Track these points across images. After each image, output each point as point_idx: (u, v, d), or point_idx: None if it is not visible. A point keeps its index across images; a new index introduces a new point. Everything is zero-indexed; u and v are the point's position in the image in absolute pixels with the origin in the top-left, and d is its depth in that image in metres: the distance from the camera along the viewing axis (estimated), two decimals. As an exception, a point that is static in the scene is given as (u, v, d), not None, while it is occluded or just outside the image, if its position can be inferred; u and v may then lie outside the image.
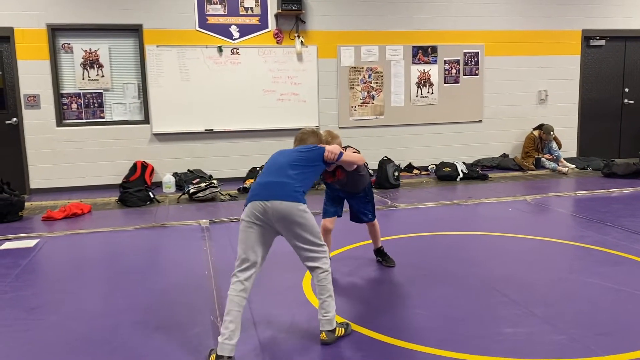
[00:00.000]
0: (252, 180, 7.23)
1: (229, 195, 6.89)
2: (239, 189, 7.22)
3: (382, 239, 4.29)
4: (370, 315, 3.24)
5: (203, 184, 6.81)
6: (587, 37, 9.15)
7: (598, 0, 9.08)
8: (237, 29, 7.83)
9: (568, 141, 9.15)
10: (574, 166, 8.53)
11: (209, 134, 7.92)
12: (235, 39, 7.84)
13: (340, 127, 8.34)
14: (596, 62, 9.34)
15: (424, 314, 3.24)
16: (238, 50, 7.85)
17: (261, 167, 7.34)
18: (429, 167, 8.54)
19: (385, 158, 7.66)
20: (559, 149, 8.69)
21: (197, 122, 7.84)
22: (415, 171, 8.48)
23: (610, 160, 8.33)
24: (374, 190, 7.13)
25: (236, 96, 7.90)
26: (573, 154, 9.25)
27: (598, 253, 4.35)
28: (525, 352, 2.71)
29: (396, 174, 7.47)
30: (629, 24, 9.23)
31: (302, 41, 7.98)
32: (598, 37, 9.18)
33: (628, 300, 3.37)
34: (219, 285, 3.76)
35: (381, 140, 8.48)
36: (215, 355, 2.62)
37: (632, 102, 9.54)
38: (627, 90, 9.53)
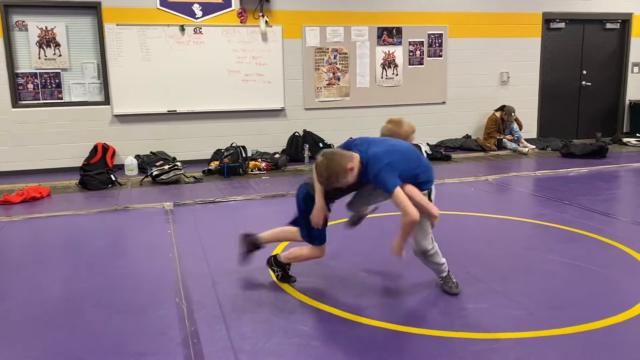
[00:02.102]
0: (217, 163, 7.15)
1: (194, 177, 6.80)
2: (203, 171, 7.13)
3: (344, 220, 4.31)
4: (336, 292, 3.27)
5: (166, 166, 6.70)
6: (548, 19, 9.32)
7: (558, -16, 9.25)
8: (200, 8, 7.67)
9: (528, 122, 9.35)
10: (534, 147, 8.74)
11: (172, 115, 7.77)
12: (197, 18, 7.68)
13: (306, 109, 8.32)
14: (556, 45, 9.53)
15: (388, 291, 3.29)
16: (201, 30, 7.69)
17: (226, 149, 7.25)
18: (394, 148, 8.61)
19: (350, 139, 7.66)
20: (520, 130, 8.89)
21: (159, 103, 7.68)
22: (381, 152, 8.52)
23: (569, 141, 8.58)
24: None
25: (200, 77, 7.76)
26: (533, 134, 9.47)
27: (556, 230, 4.49)
28: (486, 327, 2.79)
29: (362, 155, 7.50)
30: (588, 7, 9.44)
31: (266, 21, 7.87)
32: (558, 20, 9.37)
33: (583, 275, 3.51)
34: (183, 267, 3.72)
35: (347, 122, 8.49)
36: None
37: (589, 84, 9.80)
38: (584, 72, 9.78)
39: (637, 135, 9.37)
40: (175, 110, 7.75)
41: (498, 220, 4.86)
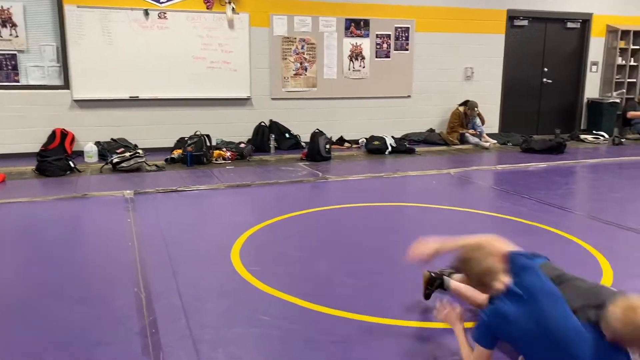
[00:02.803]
0: (180, 151, 7.04)
1: (156, 165, 6.67)
2: (166, 160, 7.01)
3: (313, 210, 4.33)
4: (299, 283, 3.28)
5: (127, 154, 6.55)
6: (512, 16, 9.50)
7: (522, -18, 9.43)
8: (165, -8, 7.50)
9: (491, 117, 9.53)
10: (495, 141, 8.93)
11: (134, 102, 7.60)
12: (162, 2, 7.51)
13: (272, 99, 8.26)
14: (519, 42, 9.73)
15: (352, 282, 3.32)
16: (165, 15, 7.52)
17: (190, 138, 7.14)
18: (360, 141, 8.65)
19: (317, 130, 7.68)
20: (482, 124, 9.06)
21: (121, 89, 7.49)
22: (347, 144, 8.56)
23: (529, 136, 8.79)
24: (305, 163, 7.19)
25: (164, 62, 7.60)
26: (495, 129, 9.67)
27: (514, 223, 4.60)
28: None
29: (327, 146, 7.52)
30: (550, 6, 9.66)
31: (233, 8, 7.76)
32: (521, 17, 9.56)
33: (538, 266, 3.60)
34: (143, 257, 3.66)
35: (313, 113, 8.48)
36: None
37: (550, 81, 10.06)
38: (546, 69, 10.03)
39: (594, 132, 9.67)
40: (138, 97, 7.58)
41: (459, 213, 4.96)
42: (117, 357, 2.45)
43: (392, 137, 8.41)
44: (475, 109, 8.92)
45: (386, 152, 8.00)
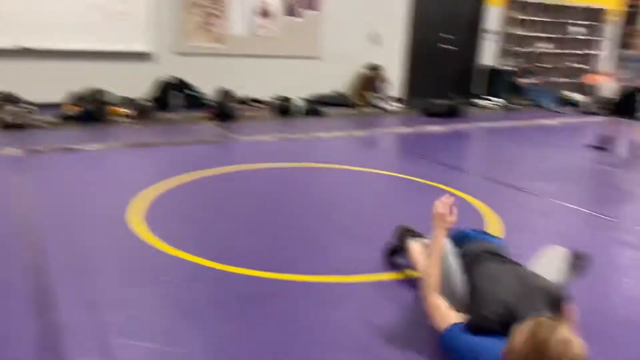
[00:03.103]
0: (75, 107, 6.55)
1: (47, 122, 6.19)
2: (59, 116, 6.50)
3: (220, 170, 4.25)
4: (202, 242, 3.23)
5: (15, 109, 6.01)
6: (417, -18, 9.69)
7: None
8: None
9: (395, 81, 9.78)
10: (399, 105, 9.21)
11: (21, 52, 6.93)
12: (51, -57, 6.83)
13: (176, 53, 7.89)
14: (423, 6, 9.95)
15: (254, 239, 3.32)
16: (55, -43, 6.87)
17: (86, 93, 6.66)
18: (269, 100, 8.56)
19: (224, 89, 7.47)
20: (387, 88, 9.29)
21: (5, 37, 6.79)
22: (255, 104, 8.44)
23: (430, 100, 9.15)
24: (213, 122, 7.01)
25: (52, 9, 6.96)
26: (399, 93, 9.95)
27: (414, 183, 4.82)
28: (348, 271, 2.94)
29: (236, 105, 7.36)
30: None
31: (132, -45, 7.23)
32: (427, -16, 9.78)
33: (430, 221, 3.82)
34: (34, 220, 3.42)
35: (221, 71, 8.21)
36: None
37: (451, 47, 10.43)
38: (447, 35, 10.37)
39: (490, 98, 10.26)
40: (26, 46, 6.92)
41: (365, 174, 5.09)
42: (7, 325, 2.29)
43: (301, 98, 8.40)
44: (381, 72, 9.10)
45: (295, 113, 7.99)
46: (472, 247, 2.36)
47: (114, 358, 2.08)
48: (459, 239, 2.47)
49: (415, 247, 2.69)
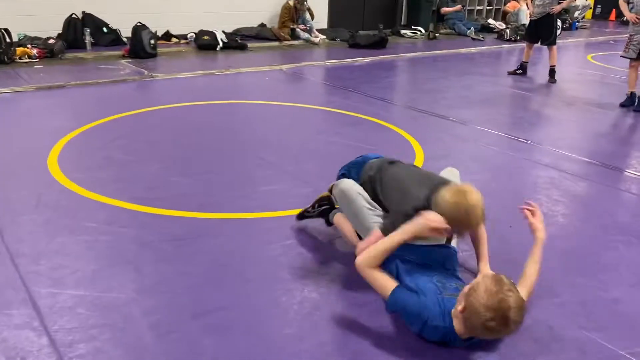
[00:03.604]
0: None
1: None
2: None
3: (140, 110, 4.07)
4: (126, 186, 3.13)
5: None
6: None
7: None
8: None
9: (320, 13, 9.58)
10: (324, 37, 9.07)
11: None
12: None
13: (82, -14, 7.29)
14: None
15: (186, 181, 3.26)
16: None
17: None
18: (188, 36, 8.17)
19: (139, 24, 7.01)
20: (312, 20, 9.09)
21: None
22: (174, 39, 8.04)
23: (355, 32, 9.07)
24: (128, 60, 6.63)
25: None
26: (324, 25, 9.78)
27: (341, 116, 4.84)
28: (277, 206, 2.96)
29: (152, 42, 6.97)
30: None
31: None
32: None
33: (358, 153, 3.89)
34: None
35: (133, 4, 7.68)
36: None
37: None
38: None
39: (413, 27, 10.30)
40: None
41: (290, 108, 5.04)
42: None
43: (223, 31, 8.07)
44: (305, 3, 8.87)
45: (217, 48, 7.71)
46: (373, 164, 2.46)
47: (38, 309, 2.02)
48: (360, 165, 2.52)
49: (343, 223, 2.48)
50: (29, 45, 6.42)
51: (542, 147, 4.22)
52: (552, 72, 6.60)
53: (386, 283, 2.00)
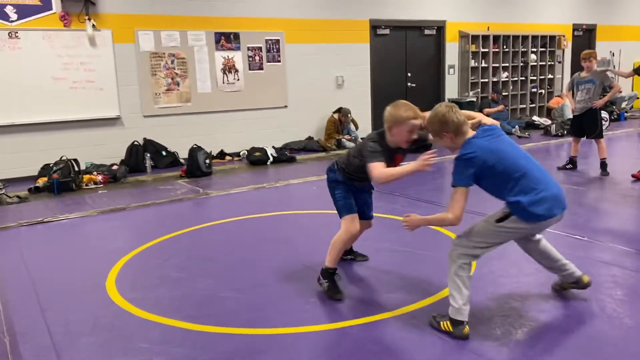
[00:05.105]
0: (45, 179, 6.52)
1: (18, 197, 6.13)
2: (29, 190, 6.46)
3: (195, 227, 4.23)
4: (177, 304, 3.19)
5: (-17, 187, 5.96)
6: (374, 26, 10.04)
7: (381, -7, 10.01)
8: (14, 10, 6.94)
9: (363, 122, 9.98)
10: (370, 145, 9.35)
11: (-9, 129, 6.94)
12: (12, 21, 6.95)
13: (144, 116, 7.98)
14: (383, 50, 10.31)
15: (235, 296, 3.29)
16: (17, 34, 6.97)
17: (56, 164, 6.66)
18: (241, 153, 8.64)
19: (195, 146, 7.53)
20: (357, 129, 9.47)
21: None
22: (227, 157, 8.50)
23: (400, 138, 9.32)
24: (185, 180, 7.02)
25: (19, 85, 7.03)
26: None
27: (388, 221, 4.86)
28: (323, 320, 2.92)
29: (207, 161, 7.41)
30: (408, 15, 10.35)
31: (94, 24, 7.38)
32: (383, 27, 10.14)
33: (411, 260, 3.85)
34: (4, 298, 3.35)
35: (190, 128, 8.31)
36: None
37: (414, 85, 10.76)
38: (409, 74, 10.72)
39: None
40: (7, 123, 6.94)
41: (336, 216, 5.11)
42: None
43: (273, 147, 8.50)
44: (349, 115, 9.30)
45: (268, 163, 8.07)
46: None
47: None
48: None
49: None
50: (94, 172, 6.95)
51: (602, 243, 4.05)
52: (603, 165, 6.48)
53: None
